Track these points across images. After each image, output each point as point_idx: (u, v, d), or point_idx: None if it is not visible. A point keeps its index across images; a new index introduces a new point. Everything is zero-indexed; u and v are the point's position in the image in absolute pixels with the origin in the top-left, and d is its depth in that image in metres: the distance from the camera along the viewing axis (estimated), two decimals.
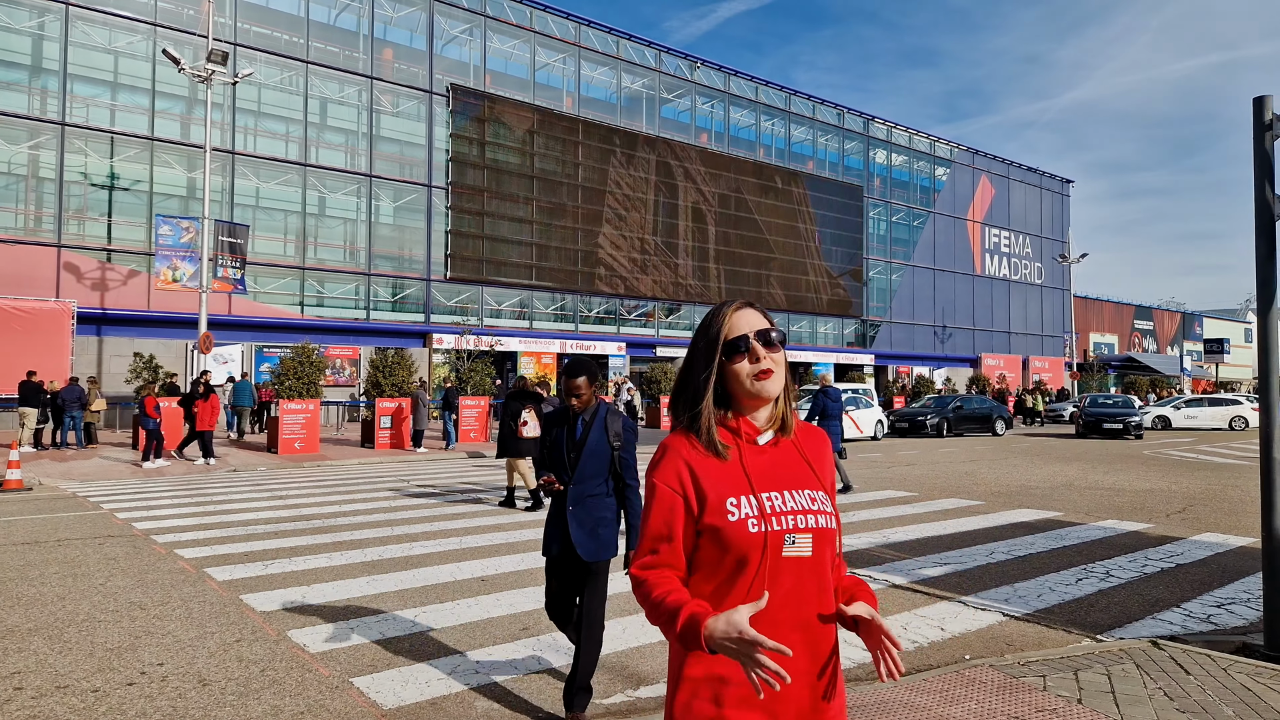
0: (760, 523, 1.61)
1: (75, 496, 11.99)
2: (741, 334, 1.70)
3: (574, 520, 3.94)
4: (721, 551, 1.63)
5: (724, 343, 1.71)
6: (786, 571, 1.61)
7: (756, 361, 1.68)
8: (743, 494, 1.63)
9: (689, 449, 1.70)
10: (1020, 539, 8.54)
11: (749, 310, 1.75)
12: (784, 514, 1.63)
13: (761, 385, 1.68)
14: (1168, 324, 72.54)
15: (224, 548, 8.04)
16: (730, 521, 1.61)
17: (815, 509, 1.65)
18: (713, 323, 1.74)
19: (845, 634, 5.21)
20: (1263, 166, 4.54)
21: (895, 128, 49.62)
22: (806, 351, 43.40)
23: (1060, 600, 6.10)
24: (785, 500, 1.65)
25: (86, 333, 25.69)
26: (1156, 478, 14.37)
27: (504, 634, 5.29)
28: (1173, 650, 4.62)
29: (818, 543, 1.63)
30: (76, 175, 26.59)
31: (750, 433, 1.72)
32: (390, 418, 19.80)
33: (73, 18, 26.36)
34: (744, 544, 1.60)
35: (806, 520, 1.63)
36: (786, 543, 1.61)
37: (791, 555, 1.62)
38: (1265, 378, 4.51)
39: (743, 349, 1.69)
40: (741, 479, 1.65)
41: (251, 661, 4.77)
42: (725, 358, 1.70)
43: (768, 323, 1.74)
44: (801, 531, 1.62)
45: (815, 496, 1.68)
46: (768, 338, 1.70)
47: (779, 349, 1.71)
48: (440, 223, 32.68)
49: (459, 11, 33.71)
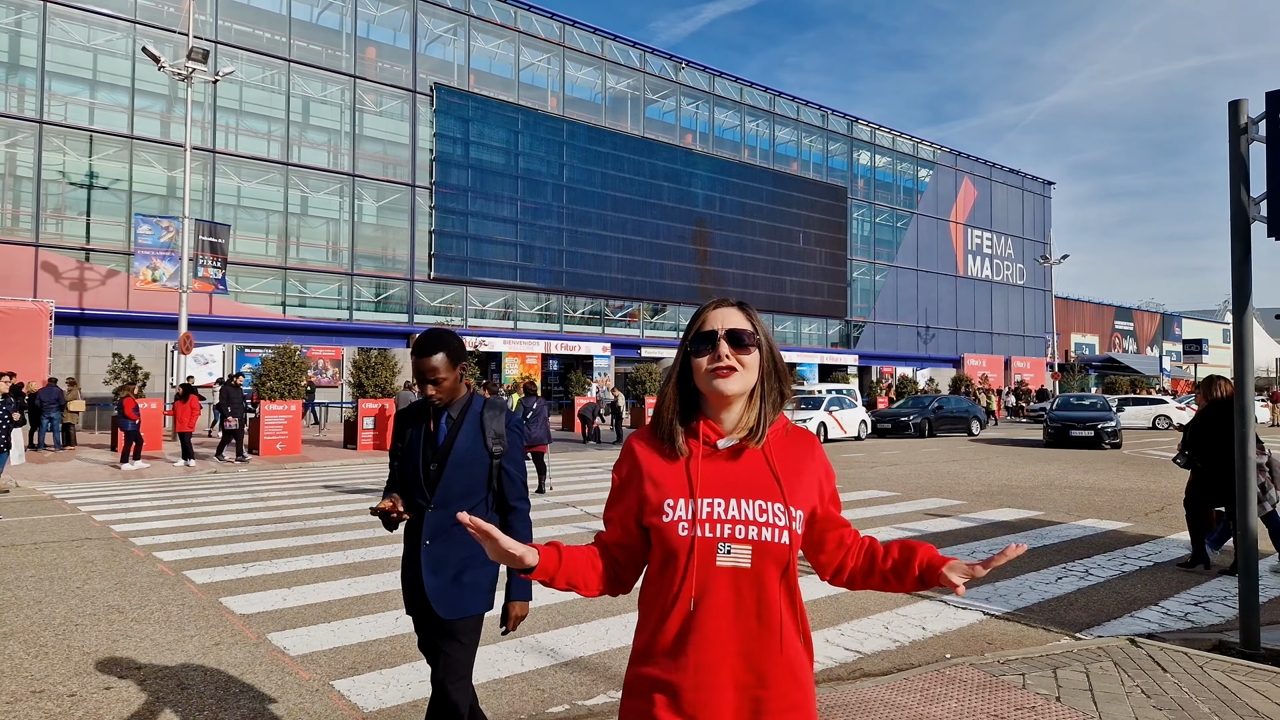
0: (691, 528, 1.58)
1: (53, 499, 11.84)
2: (711, 329, 1.66)
3: (429, 561, 2.77)
4: (658, 545, 1.63)
5: (692, 336, 1.68)
6: (721, 581, 1.58)
7: (717, 359, 1.63)
8: (681, 497, 1.61)
9: (643, 446, 1.71)
10: (1001, 538, 8.61)
11: (730, 309, 1.70)
12: (722, 522, 1.58)
13: (718, 383, 1.63)
14: (1147, 325, 73.38)
15: (203, 550, 7.96)
16: (664, 522, 1.60)
17: (763, 521, 1.59)
18: (693, 318, 1.72)
19: (826, 635, 5.23)
20: (1238, 169, 4.60)
21: (879, 129, 49.90)
22: (791, 352, 43.59)
23: (1040, 599, 6.15)
24: (728, 508, 1.60)
25: (64, 333, 25.40)
26: (1135, 477, 14.52)
27: (485, 636, 5.23)
28: (1150, 648, 4.66)
29: (758, 555, 1.58)
30: (55, 174, 26.28)
31: (710, 435, 1.67)
32: (373, 419, 19.68)
33: (51, 14, 26.05)
34: (672, 545, 1.59)
35: (747, 531, 1.58)
36: (720, 551, 1.57)
37: (727, 565, 1.58)
38: (1240, 378, 4.57)
39: (709, 345, 1.65)
40: (684, 482, 1.62)
41: (231, 665, 4.72)
42: (691, 349, 1.67)
43: (748, 323, 1.68)
44: (739, 542, 1.57)
45: (768, 508, 1.60)
46: (738, 337, 1.65)
47: (750, 351, 1.66)
48: (424, 222, 32.53)
49: (443, 10, 33.57)
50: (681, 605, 1.58)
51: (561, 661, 4.78)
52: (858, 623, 5.53)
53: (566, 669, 4.67)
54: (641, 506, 1.66)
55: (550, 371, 36.35)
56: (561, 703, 4.19)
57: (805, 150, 46.51)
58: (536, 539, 8.48)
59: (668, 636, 1.60)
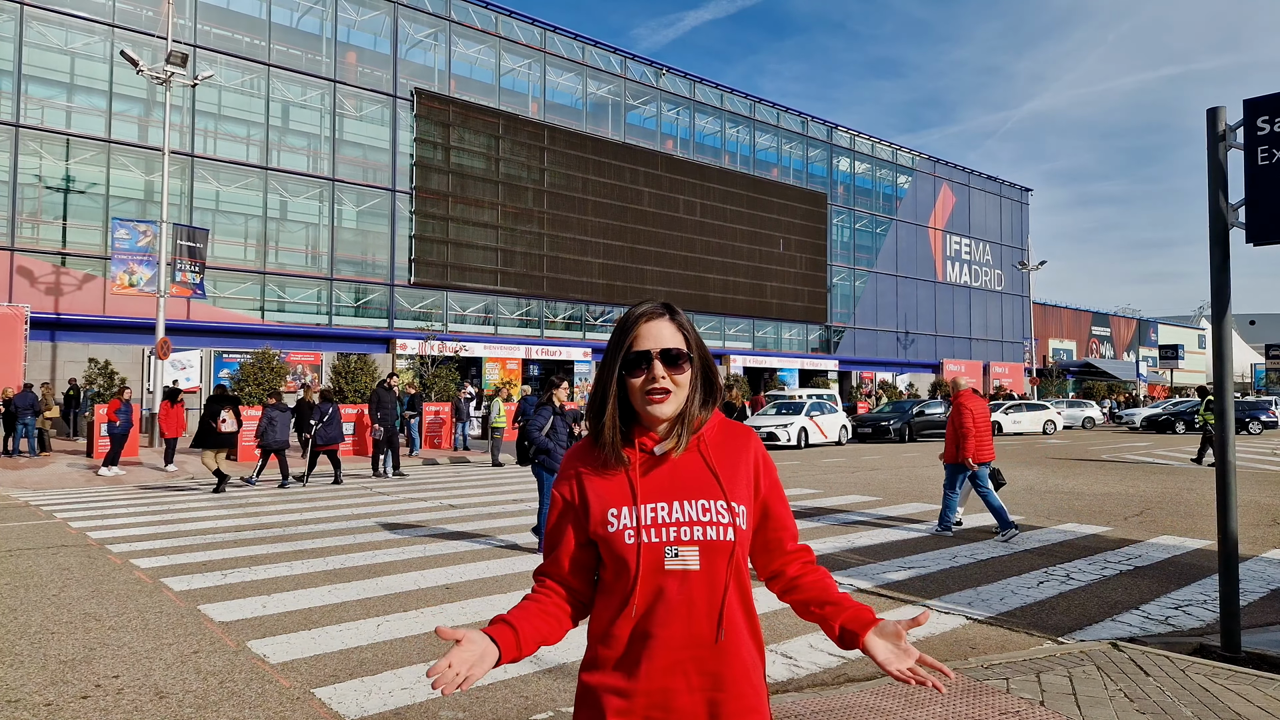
0: (637, 535, 1.57)
1: (28, 505, 11.66)
2: (644, 349, 1.62)
3: None
4: (607, 556, 1.62)
5: (623, 356, 1.64)
6: (671, 585, 1.56)
7: (652, 381, 1.61)
8: (624, 505, 1.60)
9: (583, 460, 1.69)
10: (982, 543, 8.66)
11: (660, 322, 1.66)
12: (666, 526, 1.58)
13: (654, 408, 1.61)
14: (1124, 330, 74.27)
15: (182, 557, 7.86)
16: (610, 532, 1.60)
17: (707, 520, 1.58)
18: (621, 330, 1.67)
19: (809, 640, 5.23)
20: (1217, 176, 4.66)
21: (858, 136, 50.25)
22: (771, 357, 43.72)
23: (1022, 603, 6.19)
24: (671, 511, 1.59)
25: (40, 338, 25.04)
26: (1114, 481, 14.68)
27: None
28: (1132, 652, 4.70)
29: (706, 555, 1.57)
30: (31, 178, 25.93)
31: (647, 443, 1.66)
32: (353, 424, 19.53)
33: (28, 18, 25.72)
34: (620, 554, 1.58)
35: (693, 532, 1.57)
36: (668, 555, 1.57)
37: (676, 568, 1.57)
38: (1220, 382, 4.63)
39: (643, 366, 1.61)
40: (626, 490, 1.61)
41: (210, 673, 4.66)
42: (625, 371, 1.64)
43: (681, 338, 1.65)
44: (685, 544, 1.57)
45: (710, 507, 1.59)
46: (671, 357, 1.62)
47: (685, 370, 1.63)
48: (404, 227, 32.36)
49: (423, 16, 33.46)
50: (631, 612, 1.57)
51: (545, 668, 4.75)
52: None
53: (550, 676, 4.64)
54: (587, 520, 1.65)
55: (531, 377, 36.24)
56: (544, 709, 4.16)
57: (785, 156, 46.74)
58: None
59: (619, 644, 1.59)
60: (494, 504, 11.64)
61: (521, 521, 9.96)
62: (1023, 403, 34.57)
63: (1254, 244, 4.60)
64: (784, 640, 5.18)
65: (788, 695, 4.22)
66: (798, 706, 3.99)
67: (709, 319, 41.56)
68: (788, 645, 5.12)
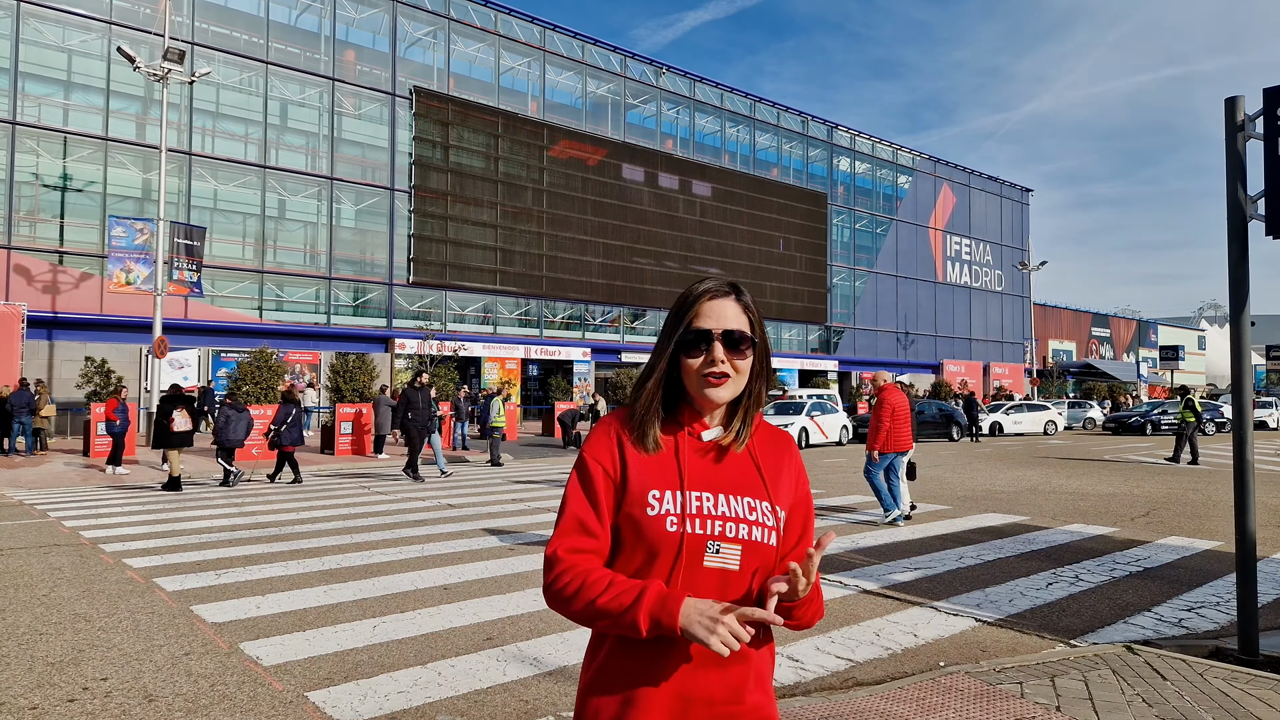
0: (680, 522, 1.44)
1: (22, 504, 11.55)
2: (705, 328, 1.51)
3: None
4: (636, 543, 1.46)
5: (682, 333, 1.52)
6: (708, 583, 1.43)
7: (711, 364, 1.49)
8: (669, 488, 1.46)
9: (623, 429, 1.54)
10: (989, 543, 8.54)
11: (725, 301, 1.54)
12: (711, 518, 1.45)
13: (710, 392, 1.50)
14: (1124, 331, 74.21)
15: (175, 557, 7.74)
16: (649, 515, 1.45)
17: (753, 519, 1.46)
18: (683, 304, 1.56)
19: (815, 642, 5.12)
20: (1235, 167, 4.55)
21: (858, 136, 50.17)
22: (773, 357, 43.59)
23: (1032, 605, 6.06)
24: (717, 504, 1.46)
25: (37, 337, 24.96)
26: (1119, 482, 14.56)
27: (467, 644, 5.10)
28: (1147, 655, 4.58)
29: (747, 557, 1.45)
30: (28, 176, 25.84)
31: (697, 428, 1.54)
32: (351, 423, 19.41)
33: (25, 14, 25.64)
34: (658, 541, 1.44)
35: (738, 530, 1.45)
36: (709, 550, 1.44)
37: (714, 565, 1.44)
38: (1238, 379, 4.51)
39: (702, 346, 1.50)
40: (673, 472, 1.48)
41: (201, 676, 4.55)
42: (681, 350, 1.52)
43: (745, 320, 1.53)
44: (729, 541, 1.44)
45: (756, 506, 1.48)
46: (734, 339, 1.50)
47: (747, 355, 1.52)
48: (403, 226, 32.25)
49: (422, 14, 33.35)
50: None
51: (545, 671, 4.63)
52: (848, 630, 5.41)
53: (550, 679, 4.52)
54: (623, 497, 1.48)
55: (530, 376, 36.12)
56: (545, 714, 4.04)
57: (785, 156, 46.65)
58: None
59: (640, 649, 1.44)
60: (493, 504, 11.53)
61: (521, 522, 9.84)
62: (1023, 403, 34.49)
63: (1274, 237, 4.48)
64: (789, 643, 5.06)
65: (795, 699, 4.10)
66: (806, 712, 3.87)
67: None
68: (793, 648, 5.00)
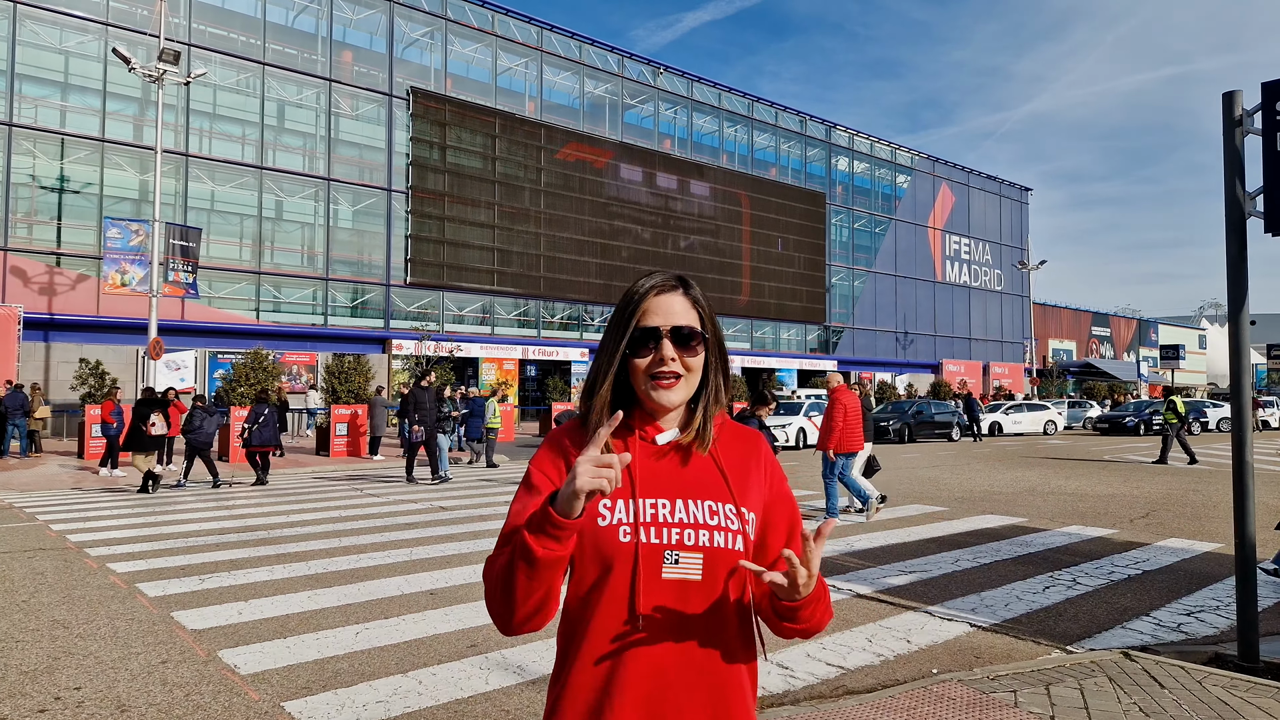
0: (634, 532, 1.34)
1: (11, 507, 11.47)
2: (653, 325, 1.41)
3: None
4: (590, 557, 1.37)
5: (630, 332, 1.42)
6: (668, 596, 1.34)
7: (660, 364, 1.40)
8: (620, 497, 1.37)
9: (574, 439, 1.45)
10: (985, 545, 8.43)
11: (673, 295, 1.45)
12: (668, 526, 1.35)
13: (660, 395, 1.40)
14: (1124, 330, 74.02)
15: (160, 561, 7.64)
16: (600, 526, 1.35)
17: (714, 524, 1.37)
18: (627, 302, 1.46)
19: (807, 649, 5.01)
20: (1233, 163, 4.44)
21: (857, 135, 50.03)
22: (770, 358, 43.49)
23: (1028, 609, 5.95)
24: (675, 510, 1.37)
25: (33, 338, 24.88)
26: (1118, 482, 14.43)
27: (450, 652, 5.00)
28: (1145, 662, 4.47)
29: (710, 565, 1.35)
30: (25, 177, 25.78)
31: (649, 432, 1.44)
32: (346, 424, 19.31)
33: (21, 16, 25.59)
34: (610, 553, 1.35)
35: (698, 536, 1.36)
36: (667, 561, 1.34)
37: (674, 576, 1.34)
38: (1236, 379, 4.40)
39: (650, 344, 1.40)
40: (624, 480, 1.37)
41: (176, 685, 4.46)
42: (629, 350, 1.42)
43: (694, 315, 1.44)
44: (689, 549, 1.35)
45: (718, 509, 1.39)
46: (683, 336, 1.41)
47: (698, 351, 1.42)
48: (400, 227, 32.16)
49: (420, 15, 33.26)
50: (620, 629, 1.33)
51: (528, 680, 4.52)
52: (840, 635, 5.30)
53: (533, 688, 4.41)
54: None
55: (528, 377, 36.00)
56: None
57: (784, 156, 46.52)
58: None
59: (602, 670, 1.34)
60: (485, 506, 11.42)
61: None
62: (1023, 403, 34.35)
63: (1273, 234, 4.37)
64: (779, 650, 4.95)
65: (783, 709, 3.99)
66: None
67: None
68: (784, 654, 4.89)
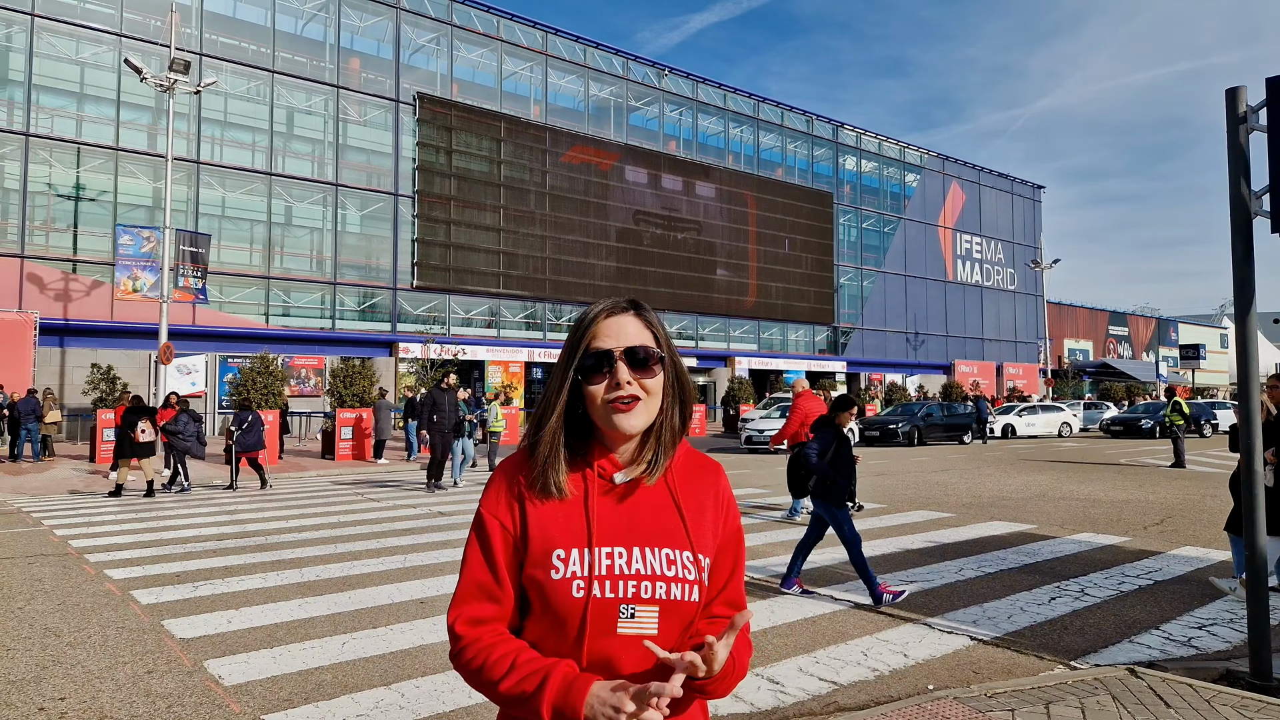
0: (587, 587, 1.27)
1: (19, 512, 11.51)
2: (605, 349, 1.34)
3: None
4: (542, 608, 1.30)
5: (581, 357, 1.35)
6: (622, 651, 1.27)
7: (616, 388, 1.32)
8: (575, 546, 1.29)
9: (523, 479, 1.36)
10: (991, 554, 8.25)
11: (625, 317, 1.38)
12: (624, 579, 1.28)
13: (620, 419, 1.32)
14: (1143, 330, 73.15)
15: (156, 568, 7.61)
16: (553, 579, 1.28)
17: (671, 575, 1.30)
18: (578, 328, 1.39)
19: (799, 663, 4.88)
20: (1238, 161, 4.29)
21: (864, 134, 49.72)
22: (777, 359, 43.25)
23: (1032, 622, 5.79)
24: (631, 560, 1.29)
25: (49, 344, 25.17)
26: (1134, 487, 14.16)
27: (436, 663, 4.91)
28: (1151, 679, 4.32)
29: (666, 618, 1.29)
30: (41, 186, 26.07)
31: (608, 467, 1.36)
32: (351, 428, 19.32)
33: (39, 29, 25.95)
34: (563, 608, 1.27)
35: (654, 589, 1.28)
36: (622, 616, 1.27)
37: (629, 632, 1.27)
38: (1245, 383, 4.25)
39: (605, 368, 1.33)
40: (580, 526, 1.31)
41: (160, 696, 4.41)
42: (580, 376, 1.35)
43: (649, 335, 1.37)
44: (645, 603, 1.28)
45: (676, 559, 1.31)
46: (638, 358, 1.33)
47: (655, 372, 1.35)
48: (407, 231, 32.29)
49: (426, 21, 33.41)
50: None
51: None
52: (834, 649, 5.17)
53: None
54: (521, 555, 1.32)
55: (535, 380, 35.96)
56: None
57: (790, 156, 46.30)
58: None
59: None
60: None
61: None
62: (1037, 405, 33.93)
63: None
64: (770, 663, 4.83)
65: None
66: None
67: (713, 320, 41.23)
68: (775, 669, 4.77)
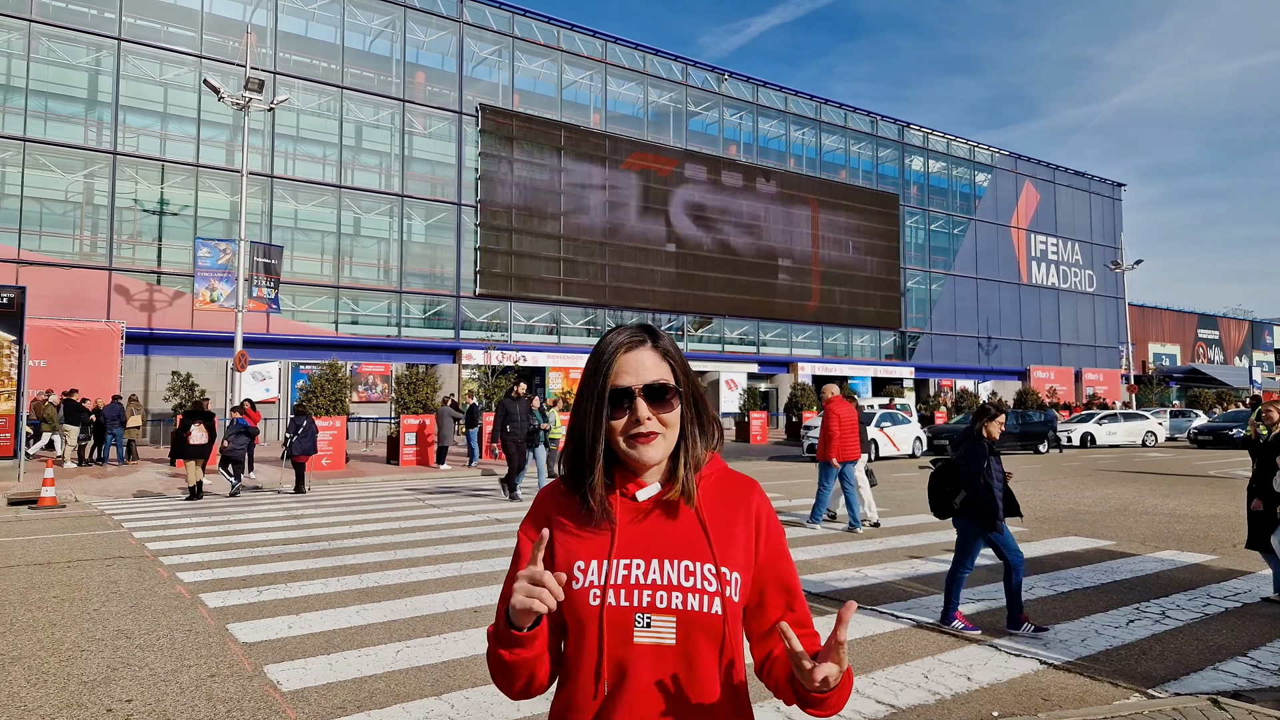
0: (603, 595, 1.32)
1: (102, 514, 12.03)
2: (625, 386, 1.39)
3: None
4: (570, 620, 1.37)
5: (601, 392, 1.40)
6: (643, 661, 1.30)
7: (636, 424, 1.38)
8: (596, 558, 1.36)
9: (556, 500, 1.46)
10: (1065, 571, 7.87)
11: (641, 351, 1.42)
12: (640, 588, 1.32)
13: (640, 452, 1.38)
14: (1235, 333, 69.51)
15: (225, 571, 7.84)
16: (574, 590, 1.35)
17: (689, 586, 1.33)
18: (599, 364, 1.43)
19: (857, 683, 4.71)
20: None
21: (932, 134, 48.56)
22: (842, 365, 42.49)
23: (1108, 645, 5.47)
24: (648, 571, 1.34)
25: (135, 352, 26.42)
26: (1223, 502, 13.31)
27: (486, 675, 4.89)
28: (1236, 710, 4.03)
29: (684, 629, 1.31)
30: (128, 201, 27.46)
31: (630, 488, 1.42)
32: (415, 434, 19.68)
33: (125, 52, 27.37)
34: (581, 617, 1.33)
35: (670, 599, 1.31)
36: (638, 624, 1.31)
37: (647, 642, 1.31)
38: None
39: (625, 404, 1.39)
40: (603, 541, 1.37)
41: (220, 700, 4.51)
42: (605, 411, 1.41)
43: (665, 367, 1.42)
44: (660, 612, 1.31)
45: (695, 570, 1.34)
46: (656, 393, 1.39)
47: (674, 406, 1.40)
48: (470, 240, 32.90)
49: (489, 34, 34.05)
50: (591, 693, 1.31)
51: None
52: (894, 670, 4.98)
53: None
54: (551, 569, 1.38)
55: None
56: None
57: (854, 157, 45.53)
58: None
59: None
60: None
61: None
62: (1119, 412, 32.45)
63: None
64: None
65: None
66: None
67: (775, 325, 40.82)
68: None
